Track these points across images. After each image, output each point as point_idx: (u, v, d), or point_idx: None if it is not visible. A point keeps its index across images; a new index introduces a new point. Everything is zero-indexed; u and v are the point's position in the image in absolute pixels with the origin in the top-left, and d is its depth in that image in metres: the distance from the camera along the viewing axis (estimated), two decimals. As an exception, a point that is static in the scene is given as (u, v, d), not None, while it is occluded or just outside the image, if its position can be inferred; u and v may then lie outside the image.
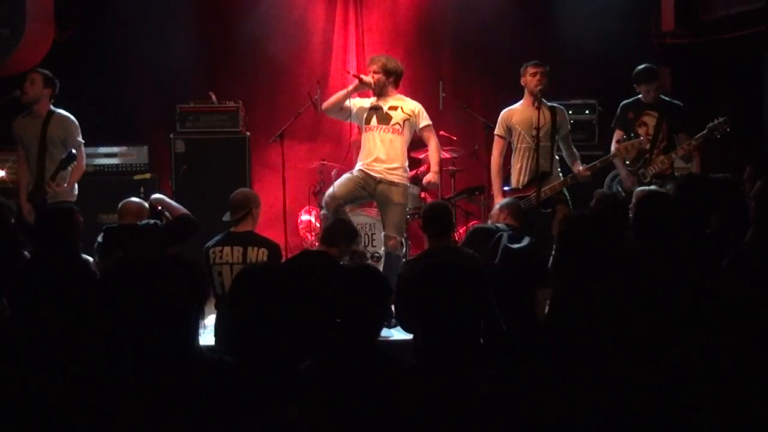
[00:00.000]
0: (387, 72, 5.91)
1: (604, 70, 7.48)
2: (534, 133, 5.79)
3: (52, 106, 5.77)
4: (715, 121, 5.76)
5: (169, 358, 2.30)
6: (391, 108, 5.90)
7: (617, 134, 6.21)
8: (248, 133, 7.35)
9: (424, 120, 5.94)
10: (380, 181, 5.83)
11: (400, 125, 5.86)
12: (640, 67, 6.17)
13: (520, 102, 6.09)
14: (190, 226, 4.71)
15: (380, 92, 5.92)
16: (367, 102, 6.00)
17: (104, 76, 7.46)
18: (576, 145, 6.20)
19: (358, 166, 5.93)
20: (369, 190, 5.88)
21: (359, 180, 5.86)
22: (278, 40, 7.81)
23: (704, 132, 5.79)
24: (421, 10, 7.94)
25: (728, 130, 5.73)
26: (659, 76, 6.18)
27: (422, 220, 4.86)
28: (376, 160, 5.84)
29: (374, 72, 5.91)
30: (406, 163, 5.97)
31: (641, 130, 6.05)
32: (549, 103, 6.03)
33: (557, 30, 7.68)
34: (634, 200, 4.56)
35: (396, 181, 5.84)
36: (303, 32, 7.92)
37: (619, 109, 6.24)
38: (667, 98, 6.19)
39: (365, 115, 5.92)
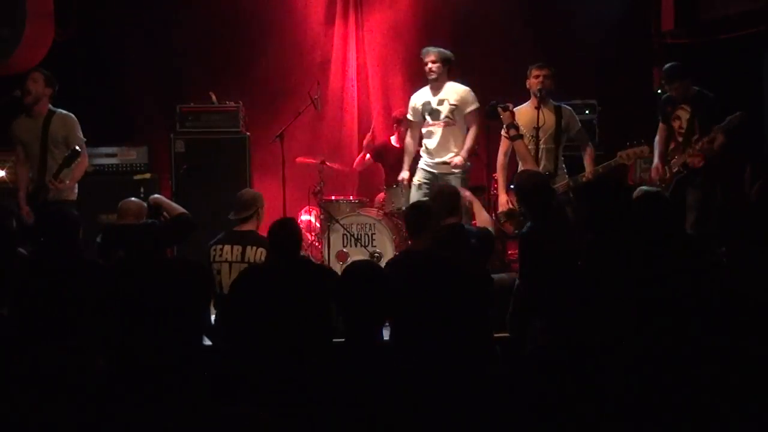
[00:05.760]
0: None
1: (604, 70, 7.48)
2: (534, 134, 5.77)
3: (51, 106, 5.77)
4: (732, 116, 5.65)
5: (175, 354, 2.31)
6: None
7: (660, 127, 6.08)
8: (248, 133, 7.34)
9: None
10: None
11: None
12: (666, 65, 6.07)
13: (526, 103, 6.05)
14: (188, 225, 4.73)
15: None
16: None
17: (104, 76, 7.47)
18: (576, 145, 6.17)
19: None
20: None
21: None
22: (278, 39, 7.82)
23: (723, 124, 5.65)
24: (421, 9, 7.93)
25: (745, 122, 5.61)
26: (684, 75, 5.97)
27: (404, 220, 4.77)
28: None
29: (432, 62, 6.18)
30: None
31: (675, 124, 5.95)
32: (555, 104, 6.00)
33: (557, 30, 7.68)
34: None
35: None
36: (303, 32, 7.92)
37: (661, 103, 6.14)
38: (699, 89, 5.98)
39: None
